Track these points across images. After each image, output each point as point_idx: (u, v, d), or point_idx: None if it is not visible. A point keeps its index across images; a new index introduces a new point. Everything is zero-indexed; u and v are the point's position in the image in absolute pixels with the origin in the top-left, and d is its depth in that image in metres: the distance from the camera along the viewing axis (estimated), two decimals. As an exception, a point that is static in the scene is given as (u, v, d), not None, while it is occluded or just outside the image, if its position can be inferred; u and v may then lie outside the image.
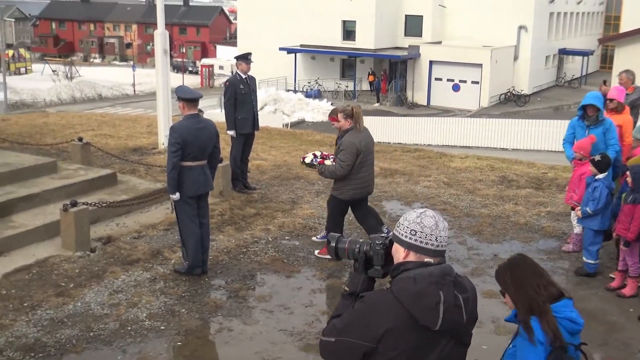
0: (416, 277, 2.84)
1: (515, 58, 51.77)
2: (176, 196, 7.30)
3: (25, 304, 6.74)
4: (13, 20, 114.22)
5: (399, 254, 2.99)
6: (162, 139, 13.65)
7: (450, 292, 2.85)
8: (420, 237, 2.92)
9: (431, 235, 2.92)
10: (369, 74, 51.37)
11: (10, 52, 76.40)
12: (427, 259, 2.92)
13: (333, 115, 8.18)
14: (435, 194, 11.24)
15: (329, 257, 8.23)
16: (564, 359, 3.46)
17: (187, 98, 7.31)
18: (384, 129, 33.28)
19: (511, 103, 49.18)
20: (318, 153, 8.45)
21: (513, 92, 49.97)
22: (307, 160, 8.36)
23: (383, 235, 3.09)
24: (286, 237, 8.96)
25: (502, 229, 9.58)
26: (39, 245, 8.21)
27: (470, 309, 2.94)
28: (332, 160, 8.14)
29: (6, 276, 7.35)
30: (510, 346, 3.65)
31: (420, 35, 52.18)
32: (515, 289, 3.56)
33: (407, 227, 2.95)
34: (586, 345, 3.61)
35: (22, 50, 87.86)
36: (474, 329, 3.04)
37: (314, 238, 8.95)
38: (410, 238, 2.94)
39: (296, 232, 9.15)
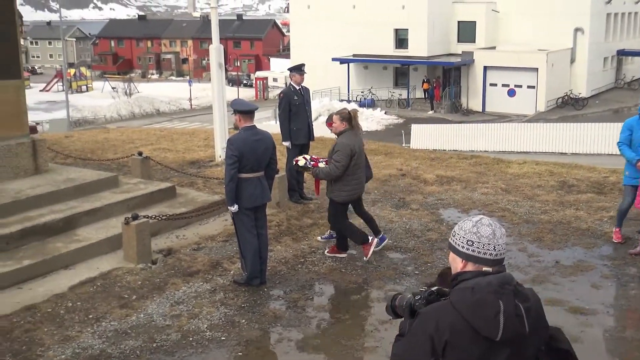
0: (474, 287, 2.79)
1: (572, 61, 50.78)
2: (234, 208, 7.37)
3: (90, 316, 6.88)
4: (74, 39, 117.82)
5: (456, 263, 2.94)
6: (219, 152, 13.82)
7: (511, 301, 2.78)
8: (477, 248, 2.87)
9: (489, 245, 2.86)
10: (423, 82, 51.08)
11: (72, 70, 78.64)
12: (485, 268, 2.86)
13: (330, 120, 8.53)
14: (493, 201, 11.07)
15: (339, 255, 8.46)
16: None
17: (243, 110, 7.39)
18: (439, 136, 33.01)
19: (569, 107, 48.23)
20: (308, 157, 8.74)
21: (570, 95, 49.00)
22: (301, 163, 8.66)
23: (423, 289, 3.04)
24: (343, 247, 8.92)
25: (563, 235, 9.37)
26: (103, 258, 8.39)
27: (534, 319, 2.86)
28: (324, 162, 8.42)
29: (72, 289, 7.52)
30: None
31: (474, 41, 51.70)
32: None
33: (464, 237, 2.90)
34: None
35: (83, 69, 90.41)
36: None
37: (318, 238, 9.16)
38: (467, 249, 2.89)
39: (352, 242, 9.12)
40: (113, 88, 76.81)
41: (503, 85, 48.81)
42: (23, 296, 7.37)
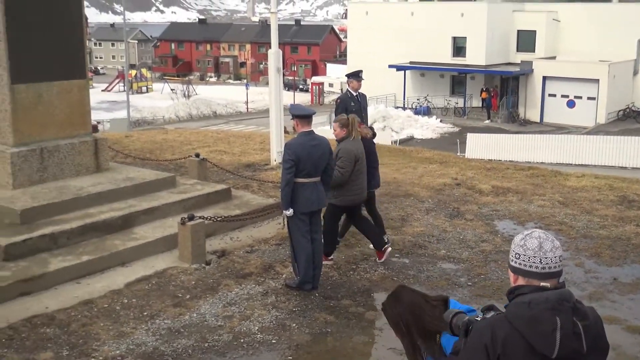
0: (531, 302, 2.75)
1: (635, 72, 49.54)
2: (289, 212, 7.41)
3: (145, 313, 7.00)
4: (136, 42, 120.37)
5: (511, 277, 2.93)
6: (275, 156, 13.92)
7: (569, 318, 2.73)
8: (523, 260, 2.86)
9: (534, 257, 2.84)
10: (481, 91, 50.48)
11: (133, 72, 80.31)
12: (542, 283, 2.82)
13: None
14: (550, 214, 10.86)
15: (326, 262, 8.32)
16: None
17: (301, 115, 7.43)
18: (495, 146, 32.56)
19: (630, 120, 47.00)
20: None
21: (633, 108, 47.76)
22: None
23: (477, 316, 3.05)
24: (396, 255, 8.89)
25: (622, 251, 9.13)
26: (158, 257, 8.53)
27: (593, 338, 2.80)
28: None
29: (128, 285, 7.67)
30: None
31: (533, 51, 50.88)
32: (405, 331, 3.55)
33: (513, 250, 2.92)
34: None
35: (143, 70, 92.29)
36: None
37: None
38: (515, 261, 2.90)
39: (406, 250, 9.07)
40: (172, 90, 78.17)
41: (562, 96, 47.89)
42: (81, 291, 7.55)
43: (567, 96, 47.76)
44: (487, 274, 8.27)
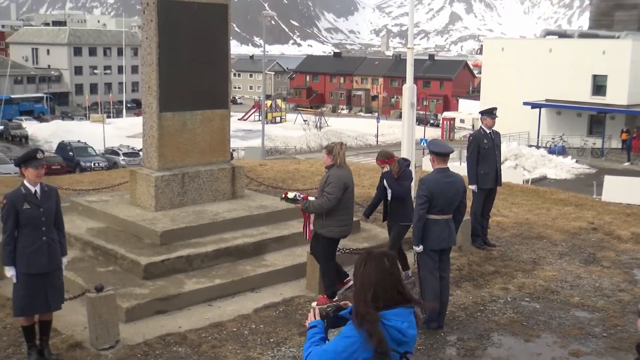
0: None
1: None
2: (419, 248, 7.34)
3: (272, 340, 7.12)
4: (273, 73, 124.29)
5: None
6: (404, 190, 13.83)
7: None
8: None
9: None
10: (622, 132, 48.10)
11: (269, 102, 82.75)
12: None
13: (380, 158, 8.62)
14: (697, 266, 10.12)
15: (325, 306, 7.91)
16: None
17: (439, 152, 7.37)
18: (636, 190, 30.85)
19: None
20: (297, 192, 8.49)
21: None
22: (290, 195, 8.26)
23: None
24: (526, 299, 8.57)
25: None
26: (287, 285, 8.68)
27: None
28: (314, 198, 8.04)
29: (256, 311, 7.85)
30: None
31: (680, 91, 48.05)
32: (358, 286, 3.45)
33: None
34: (411, 354, 3.49)
35: (279, 101, 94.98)
36: None
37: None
38: None
39: (537, 295, 8.73)
40: (305, 121, 79.86)
41: None
42: (212, 313, 7.80)
43: None
44: (624, 325, 7.81)
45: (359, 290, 3.45)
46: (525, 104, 50.21)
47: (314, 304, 8.18)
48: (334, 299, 8.04)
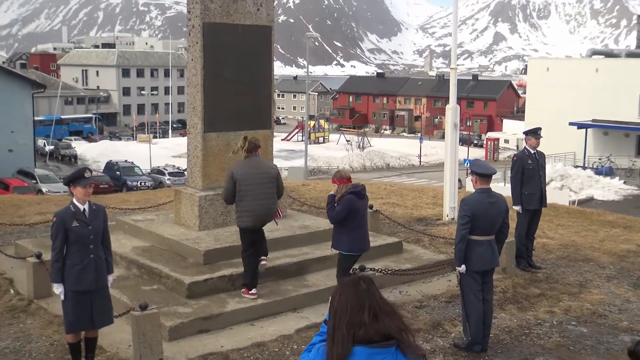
0: None
1: None
2: (462, 269, 7.25)
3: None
4: (316, 94, 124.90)
5: None
6: (447, 211, 13.74)
7: None
8: None
9: None
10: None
11: (312, 122, 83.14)
12: None
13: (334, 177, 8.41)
14: None
15: (248, 296, 8.28)
16: None
17: (482, 173, 7.30)
18: (685, 212, 30.07)
19: None
20: None
21: None
22: None
23: None
24: (572, 323, 8.38)
25: None
26: (327, 306, 8.61)
27: None
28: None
29: (298, 331, 7.84)
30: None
31: None
32: (332, 316, 3.12)
33: None
34: None
35: (321, 121, 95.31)
36: None
37: None
38: None
39: (584, 318, 8.53)
40: (347, 141, 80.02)
41: None
42: (254, 333, 7.80)
43: None
44: (675, 352, 7.56)
45: (332, 319, 3.15)
46: (571, 124, 49.47)
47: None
48: (252, 292, 8.40)
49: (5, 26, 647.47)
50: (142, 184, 42.66)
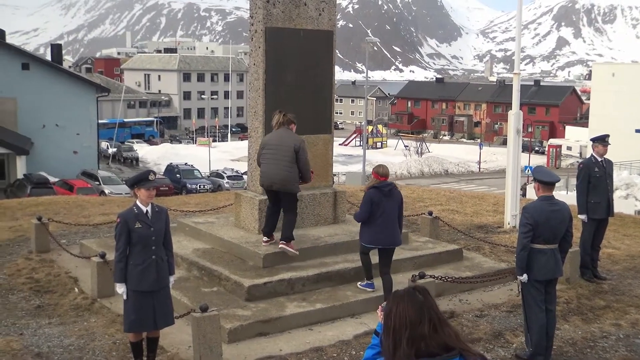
0: None
1: None
2: (524, 278, 7.10)
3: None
4: (374, 99, 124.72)
5: None
6: (508, 218, 13.52)
7: None
8: None
9: None
10: None
11: (370, 127, 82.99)
12: None
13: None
14: None
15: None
16: None
17: (545, 181, 7.14)
18: None
19: None
20: None
21: None
22: None
23: None
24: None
25: None
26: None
27: None
28: None
29: (356, 337, 7.82)
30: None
31: None
32: (391, 331, 2.98)
33: None
34: None
35: (380, 126, 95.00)
36: None
37: (358, 284, 9.01)
38: None
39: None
40: (406, 146, 79.56)
41: None
42: (312, 337, 7.81)
43: None
44: None
45: (390, 335, 3.06)
46: (637, 131, 48.12)
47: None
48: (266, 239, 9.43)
49: (72, 32, 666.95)
50: (202, 186, 43.25)
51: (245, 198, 10.29)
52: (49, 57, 52.82)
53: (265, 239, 9.49)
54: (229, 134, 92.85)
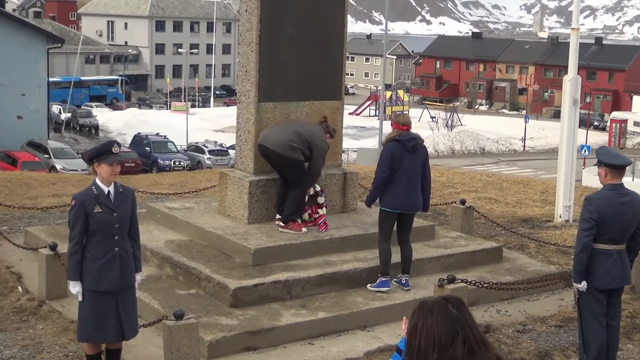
0: None
1: None
2: (582, 286, 7.09)
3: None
4: (395, 57, 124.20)
5: None
6: (560, 211, 13.51)
7: None
8: None
9: None
10: None
11: (388, 93, 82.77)
12: None
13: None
14: None
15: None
16: None
17: (614, 164, 7.08)
18: None
19: None
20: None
21: None
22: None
23: None
24: None
25: None
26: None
27: None
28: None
29: (368, 355, 7.86)
30: None
31: None
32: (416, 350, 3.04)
33: None
34: None
35: (400, 92, 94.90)
36: None
37: (368, 286, 9.06)
38: None
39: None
40: (432, 117, 79.46)
41: None
42: (313, 354, 7.83)
43: None
44: None
45: (414, 356, 3.07)
46: None
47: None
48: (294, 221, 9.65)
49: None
50: (176, 163, 43.36)
51: (232, 179, 10.27)
52: (-13, -2, 52.65)
53: (278, 216, 9.85)
54: (212, 98, 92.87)
